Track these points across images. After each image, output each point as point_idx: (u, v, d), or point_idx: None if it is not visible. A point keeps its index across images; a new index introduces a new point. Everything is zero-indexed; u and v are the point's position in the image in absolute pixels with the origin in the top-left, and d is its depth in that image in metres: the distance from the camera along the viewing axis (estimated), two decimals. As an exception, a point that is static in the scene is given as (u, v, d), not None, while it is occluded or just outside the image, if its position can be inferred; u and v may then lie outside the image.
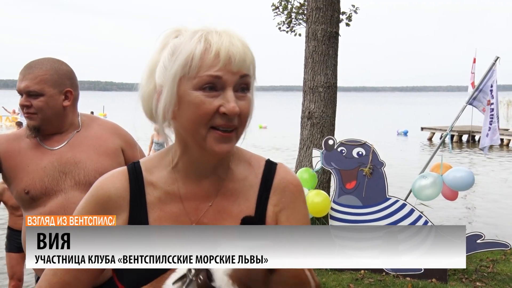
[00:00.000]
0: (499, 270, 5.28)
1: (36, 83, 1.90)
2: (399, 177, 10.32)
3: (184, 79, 0.98)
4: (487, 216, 8.93)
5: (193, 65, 0.96)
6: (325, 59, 6.61)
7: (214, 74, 0.96)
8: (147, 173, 1.10)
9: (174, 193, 1.08)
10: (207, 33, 0.98)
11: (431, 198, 5.19)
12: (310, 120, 6.65)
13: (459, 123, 5.80)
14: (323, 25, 6.57)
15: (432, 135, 23.11)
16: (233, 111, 0.97)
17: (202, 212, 1.08)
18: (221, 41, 0.96)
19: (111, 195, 1.08)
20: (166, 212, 1.07)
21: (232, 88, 0.98)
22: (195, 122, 0.98)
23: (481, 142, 5.67)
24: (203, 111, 0.97)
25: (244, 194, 1.11)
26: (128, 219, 1.07)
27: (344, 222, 5.12)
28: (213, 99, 0.97)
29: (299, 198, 1.15)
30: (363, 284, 4.83)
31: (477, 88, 5.43)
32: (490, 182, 12.01)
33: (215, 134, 0.99)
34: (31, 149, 1.96)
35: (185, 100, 0.98)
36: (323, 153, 5.17)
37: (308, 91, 6.70)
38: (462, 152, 18.51)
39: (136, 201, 1.08)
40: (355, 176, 5.09)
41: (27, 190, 1.91)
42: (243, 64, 0.98)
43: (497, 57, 5.43)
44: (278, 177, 1.14)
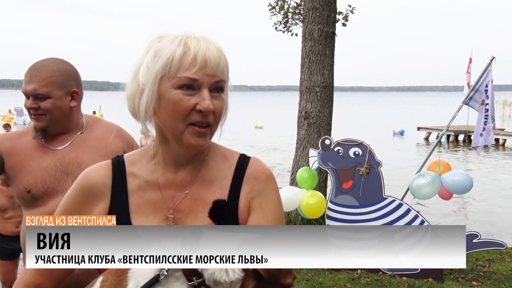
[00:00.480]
0: (495, 269, 5.30)
1: (43, 86, 1.91)
2: (395, 177, 10.35)
3: (165, 78, 1.09)
4: (483, 215, 8.97)
5: (172, 66, 1.07)
6: (321, 59, 6.61)
7: (191, 76, 1.07)
8: (129, 165, 1.21)
9: (153, 182, 1.18)
10: (187, 38, 1.10)
11: (429, 197, 5.20)
12: (307, 120, 6.65)
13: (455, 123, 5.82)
14: (320, 25, 6.57)
15: (428, 135, 23.18)
16: (207, 109, 1.08)
17: (179, 199, 1.17)
18: (198, 46, 1.08)
19: (95, 183, 1.18)
20: (145, 199, 1.17)
21: (208, 88, 1.09)
22: (173, 118, 1.09)
23: (474, 141, 5.65)
24: (181, 107, 1.08)
25: (218, 182, 1.20)
26: (110, 204, 1.17)
27: (341, 222, 5.13)
28: (190, 97, 1.08)
29: (271, 187, 1.23)
30: (360, 283, 4.84)
31: (473, 88, 5.44)
32: (486, 181, 12.05)
33: (193, 129, 1.10)
34: (34, 149, 1.98)
35: (165, 97, 1.09)
36: (320, 153, 5.17)
37: (304, 91, 6.70)
38: (458, 152, 18.57)
39: (118, 188, 1.18)
40: (352, 176, 5.09)
41: (28, 189, 1.92)
42: (217, 68, 1.09)
43: (493, 57, 5.45)
44: (251, 167, 1.22)
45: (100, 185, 1.18)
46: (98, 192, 1.18)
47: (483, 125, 5.41)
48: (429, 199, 5.30)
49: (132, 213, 1.16)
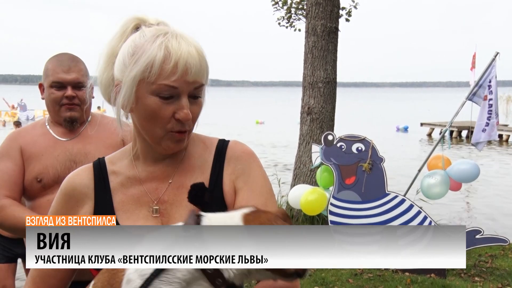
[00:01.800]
0: (498, 265, 5.30)
1: (82, 75, 2.04)
2: (398, 172, 10.34)
3: (143, 82, 1.05)
4: (486, 211, 8.95)
5: (152, 72, 1.03)
6: (324, 55, 6.60)
7: (171, 84, 1.04)
8: (110, 164, 1.20)
9: (134, 177, 1.17)
10: (168, 40, 1.05)
11: (440, 197, 5.22)
12: (310, 116, 6.65)
13: (458, 118, 5.80)
14: (323, 20, 6.55)
15: (431, 130, 23.10)
16: (186, 118, 1.07)
17: (163, 190, 1.16)
18: (180, 51, 1.04)
19: (76, 186, 1.18)
20: (128, 195, 1.16)
21: (187, 96, 1.07)
22: (151, 124, 1.09)
23: (474, 137, 5.56)
24: (159, 116, 1.07)
25: (199, 168, 1.18)
26: (94, 204, 1.16)
27: (343, 218, 5.13)
28: (168, 106, 1.06)
29: (254, 163, 1.20)
30: (362, 279, 4.85)
31: (477, 84, 5.42)
32: (489, 177, 12.02)
33: (172, 135, 1.09)
34: (45, 140, 2.07)
35: (142, 101, 1.07)
36: (323, 149, 5.17)
37: (307, 86, 6.69)
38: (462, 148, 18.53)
39: (100, 188, 1.17)
40: (355, 171, 5.09)
41: (39, 178, 1.99)
42: (198, 74, 1.06)
43: (497, 52, 5.41)
44: (230, 149, 1.20)
45: (82, 187, 1.18)
46: (81, 194, 1.17)
47: (486, 120, 5.37)
48: (441, 198, 5.31)
49: (117, 210, 1.15)
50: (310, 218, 6.29)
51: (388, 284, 4.71)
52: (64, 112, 2.05)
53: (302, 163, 6.77)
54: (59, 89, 2.03)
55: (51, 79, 2.03)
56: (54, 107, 2.06)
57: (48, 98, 2.06)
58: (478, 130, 5.46)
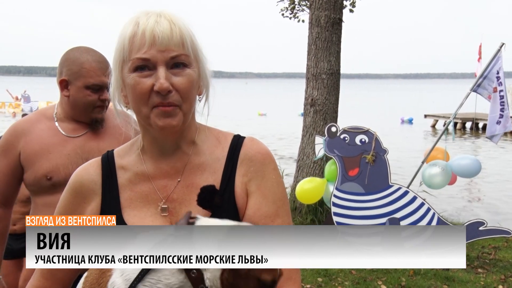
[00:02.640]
0: (501, 257, 5.30)
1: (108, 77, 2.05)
2: (402, 164, 10.32)
3: (123, 63, 1.05)
4: (490, 203, 8.94)
5: (125, 49, 1.03)
6: (328, 46, 6.56)
7: (142, 56, 1.01)
8: (118, 158, 1.17)
9: (143, 173, 1.13)
10: (138, 17, 1.04)
11: (441, 187, 5.23)
12: (313, 107, 6.62)
13: (463, 110, 5.76)
14: (327, 11, 6.51)
15: (435, 122, 23.03)
16: (162, 88, 1.01)
17: (172, 188, 1.11)
18: (147, 23, 1.02)
19: (84, 181, 1.15)
20: (136, 192, 1.12)
21: (165, 65, 1.02)
22: (136, 103, 1.05)
23: (489, 130, 5.44)
24: (139, 91, 1.03)
25: (211, 167, 1.12)
26: (101, 201, 1.13)
27: (346, 209, 5.13)
28: (146, 79, 1.02)
29: (269, 166, 1.13)
30: (365, 270, 4.86)
31: (482, 75, 5.37)
32: (493, 169, 11.98)
33: (157, 110, 1.03)
34: (52, 136, 1.99)
35: (126, 83, 1.06)
36: (326, 140, 5.16)
37: (311, 78, 6.66)
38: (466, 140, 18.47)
39: (108, 184, 1.14)
40: (358, 163, 5.08)
41: (49, 176, 1.93)
42: (169, 42, 1.02)
43: (503, 43, 5.36)
44: (245, 147, 1.14)
45: (90, 183, 1.15)
46: (89, 190, 1.14)
47: (499, 112, 5.27)
48: (441, 188, 5.32)
49: (124, 207, 1.11)
50: (314, 210, 6.30)
51: (391, 276, 4.72)
52: (96, 114, 1.99)
53: (306, 154, 6.76)
54: (96, 92, 1.95)
55: (91, 81, 1.94)
56: (87, 109, 1.97)
57: (82, 99, 1.95)
58: (492, 122, 5.33)
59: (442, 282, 4.60)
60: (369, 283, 4.57)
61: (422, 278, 4.68)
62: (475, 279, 4.67)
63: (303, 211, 6.43)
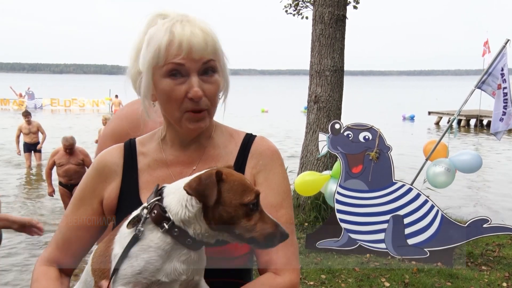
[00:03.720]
0: (505, 254, 5.29)
1: None
2: (405, 161, 10.30)
3: (156, 68, 1.12)
4: (494, 200, 8.91)
5: (160, 56, 1.10)
6: (332, 43, 6.55)
7: (177, 61, 1.10)
8: (140, 146, 1.28)
9: (161, 160, 1.24)
10: (173, 24, 1.12)
11: (445, 186, 5.23)
12: (317, 104, 6.62)
13: (467, 107, 5.75)
14: (330, 7, 6.49)
15: (439, 119, 22.96)
16: (196, 96, 1.11)
17: (186, 175, 1.17)
18: (183, 33, 1.10)
19: (107, 163, 1.26)
20: (154, 176, 1.23)
21: (197, 73, 1.12)
22: (168, 107, 1.15)
23: (493, 127, 5.50)
24: (173, 97, 1.12)
25: (223, 159, 1.23)
26: (121, 182, 1.24)
27: (350, 206, 5.13)
28: (180, 86, 1.11)
29: (276, 162, 1.25)
30: (369, 267, 4.86)
31: (486, 72, 5.35)
32: (498, 166, 11.94)
33: (189, 115, 1.14)
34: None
35: (158, 86, 1.14)
36: (330, 137, 5.15)
37: (314, 75, 6.65)
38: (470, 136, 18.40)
39: (129, 167, 1.25)
40: (362, 160, 5.07)
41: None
42: (204, 51, 1.11)
43: (508, 39, 5.34)
44: (256, 144, 1.26)
45: (112, 164, 1.25)
46: (111, 171, 1.25)
47: (502, 109, 5.30)
48: (445, 187, 5.32)
49: (142, 189, 1.21)
50: (317, 207, 6.29)
51: (395, 273, 4.71)
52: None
53: (309, 151, 6.75)
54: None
55: None
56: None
57: None
58: (495, 119, 5.39)
59: (446, 279, 4.59)
60: (373, 280, 4.56)
61: (426, 275, 4.67)
62: (479, 276, 4.66)
63: (306, 208, 6.43)
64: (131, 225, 1.02)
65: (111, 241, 1.06)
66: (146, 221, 1.01)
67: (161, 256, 0.99)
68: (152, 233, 1.01)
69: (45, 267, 1.23)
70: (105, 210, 1.23)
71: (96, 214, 1.23)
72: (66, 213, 1.26)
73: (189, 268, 1.02)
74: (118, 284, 0.99)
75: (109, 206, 1.22)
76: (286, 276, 1.16)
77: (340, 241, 5.20)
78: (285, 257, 1.17)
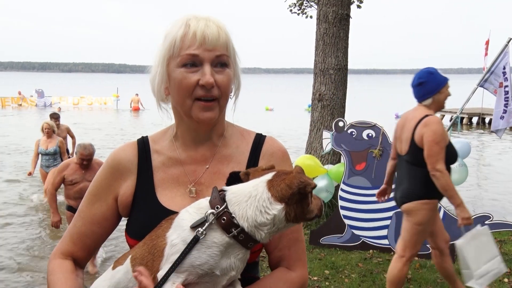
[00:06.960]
0: (507, 250, 5.34)
1: None
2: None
3: (171, 59, 1.17)
4: (495, 197, 8.95)
5: (175, 47, 1.16)
6: (336, 41, 6.61)
7: (192, 52, 1.15)
8: (153, 143, 1.30)
9: (175, 158, 1.27)
10: (189, 19, 1.18)
11: (461, 182, 5.28)
12: (321, 102, 6.69)
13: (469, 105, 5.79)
14: (334, 7, 6.55)
15: (442, 117, 22.95)
16: (208, 82, 1.14)
17: (200, 174, 1.25)
18: (198, 24, 1.16)
19: (122, 160, 1.28)
20: (169, 174, 1.26)
21: (210, 63, 1.16)
22: (181, 95, 1.17)
23: (494, 124, 5.56)
24: (185, 84, 1.16)
25: (236, 158, 1.27)
26: (136, 180, 1.26)
27: (353, 203, 5.20)
28: (193, 74, 1.15)
29: (286, 162, 1.30)
30: (372, 263, 4.92)
31: (489, 70, 5.40)
32: (500, 163, 11.96)
33: (199, 104, 1.17)
34: None
35: (172, 77, 1.18)
36: (333, 135, 5.22)
37: (319, 73, 6.72)
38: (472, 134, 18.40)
39: (143, 165, 1.27)
40: (365, 157, 5.14)
41: None
42: (216, 42, 1.16)
43: (510, 38, 5.37)
44: (267, 144, 1.30)
45: (127, 162, 1.27)
46: (126, 169, 1.27)
47: (503, 107, 5.36)
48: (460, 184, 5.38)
49: (157, 187, 1.24)
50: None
51: (397, 268, 4.77)
52: None
53: (313, 149, 6.82)
54: None
55: None
56: None
57: None
58: (496, 117, 5.45)
59: (448, 274, 4.64)
60: (376, 276, 4.63)
61: (428, 271, 4.73)
62: (480, 272, 4.71)
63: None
64: (196, 227, 1.02)
65: (158, 237, 1.07)
66: (212, 226, 1.02)
67: (221, 252, 1.02)
68: (215, 232, 1.02)
69: (60, 260, 1.26)
70: (119, 206, 1.26)
71: (110, 210, 1.26)
72: (80, 209, 1.29)
73: (243, 265, 1.07)
74: (174, 272, 1.01)
75: (124, 203, 1.25)
76: (298, 271, 1.25)
77: (343, 237, 5.27)
78: (296, 253, 1.26)
